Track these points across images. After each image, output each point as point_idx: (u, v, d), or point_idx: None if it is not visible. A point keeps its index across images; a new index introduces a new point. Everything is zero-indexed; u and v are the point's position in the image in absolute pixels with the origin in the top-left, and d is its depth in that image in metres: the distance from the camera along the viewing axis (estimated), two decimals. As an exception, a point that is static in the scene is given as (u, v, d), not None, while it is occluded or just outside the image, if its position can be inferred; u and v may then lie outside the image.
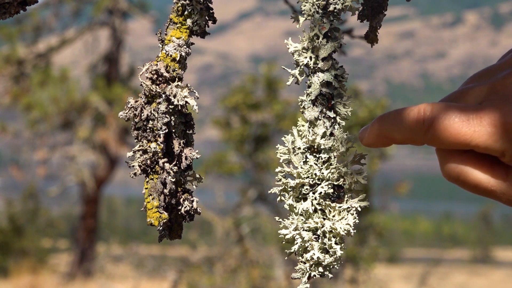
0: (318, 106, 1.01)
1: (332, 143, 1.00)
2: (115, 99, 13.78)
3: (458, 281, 17.28)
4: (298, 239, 0.99)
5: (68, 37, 14.59)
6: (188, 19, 1.03)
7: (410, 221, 27.02)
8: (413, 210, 29.65)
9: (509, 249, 24.05)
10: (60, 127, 14.12)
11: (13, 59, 13.62)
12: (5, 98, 13.77)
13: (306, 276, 0.99)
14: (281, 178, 1.00)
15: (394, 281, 15.59)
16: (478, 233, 24.28)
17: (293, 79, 1.02)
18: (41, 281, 13.99)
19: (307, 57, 1.01)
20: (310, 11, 1.01)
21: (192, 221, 1.05)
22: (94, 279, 14.23)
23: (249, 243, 11.44)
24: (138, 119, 1.01)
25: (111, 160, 14.58)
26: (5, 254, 14.77)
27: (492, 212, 25.30)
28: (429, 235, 26.09)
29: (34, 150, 14.66)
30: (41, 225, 16.77)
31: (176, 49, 1.03)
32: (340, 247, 0.98)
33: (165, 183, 1.00)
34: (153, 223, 0.99)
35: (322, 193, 0.99)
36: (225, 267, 11.22)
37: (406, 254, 21.59)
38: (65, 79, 13.91)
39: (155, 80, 1.01)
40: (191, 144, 1.04)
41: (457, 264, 20.23)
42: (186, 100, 1.01)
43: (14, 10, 1.07)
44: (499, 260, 21.82)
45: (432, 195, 49.27)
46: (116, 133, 13.97)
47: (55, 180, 15.23)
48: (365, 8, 1.06)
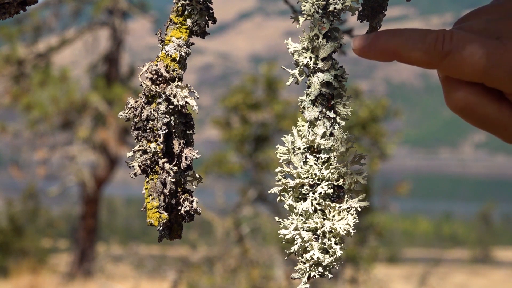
0: (318, 106, 1.01)
1: (332, 143, 1.00)
2: (115, 99, 13.78)
3: (458, 281, 17.28)
4: (298, 239, 0.99)
5: (68, 37, 14.59)
6: (188, 19, 1.03)
7: (410, 221, 27.03)
8: (413, 210, 29.67)
9: (509, 249, 24.06)
10: (60, 127, 14.12)
11: (13, 59, 13.62)
12: (5, 98, 13.77)
13: (306, 276, 0.99)
14: (281, 178, 1.00)
15: (394, 281, 15.59)
16: (478, 233, 24.29)
17: (293, 79, 1.02)
18: (41, 281, 14.00)
19: (307, 57, 1.01)
20: (310, 11, 1.01)
21: (192, 221, 1.05)
22: (94, 279, 14.23)
23: (249, 243, 11.45)
24: (138, 119, 1.01)
25: (111, 160, 14.59)
26: (5, 254, 14.77)
27: (492, 212, 25.31)
28: (429, 235, 26.09)
29: (34, 150, 14.66)
30: (41, 225, 16.78)
31: (176, 49, 1.03)
32: (340, 247, 0.98)
33: (165, 183, 1.00)
34: (153, 223, 0.99)
35: (322, 193, 0.99)
36: (225, 267, 11.22)
37: (406, 254, 21.60)
38: (65, 79, 13.91)
39: (155, 80, 1.01)
40: (191, 144, 1.04)
41: (457, 264, 20.24)
42: (186, 100, 1.01)
43: (14, 10, 1.07)
44: (499, 260, 21.83)
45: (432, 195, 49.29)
46: (116, 133, 13.97)
47: (55, 180, 15.23)
48: (365, 8, 1.06)
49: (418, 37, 0.90)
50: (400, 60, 0.91)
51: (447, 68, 0.89)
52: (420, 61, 0.90)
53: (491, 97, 0.90)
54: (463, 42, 0.88)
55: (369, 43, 0.92)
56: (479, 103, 0.90)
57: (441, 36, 0.89)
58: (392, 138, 12.78)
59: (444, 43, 0.89)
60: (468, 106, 0.90)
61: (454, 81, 0.91)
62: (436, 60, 0.89)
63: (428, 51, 0.89)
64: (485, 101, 0.90)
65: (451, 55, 0.88)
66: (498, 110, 0.90)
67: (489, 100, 0.90)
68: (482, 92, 0.90)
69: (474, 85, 0.90)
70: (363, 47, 0.92)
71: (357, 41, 0.93)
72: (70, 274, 14.63)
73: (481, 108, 0.90)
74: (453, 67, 0.89)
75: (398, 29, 0.91)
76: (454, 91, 0.91)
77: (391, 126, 14.35)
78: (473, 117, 0.91)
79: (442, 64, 0.89)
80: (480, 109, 0.90)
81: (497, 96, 0.90)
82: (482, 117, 0.91)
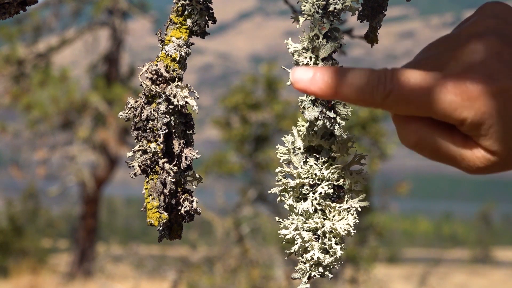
0: (318, 106, 1.01)
1: (332, 143, 1.00)
2: (115, 99, 13.78)
3: (458, 281, 17.28)
4: (298, 239, 0.99)
5: (68, 37, 14.59)
6: (188, 19, 1.03)
7: (410, 221, 27.03)
8: (413, 210, 29.66)
9: (509, 249, 24.05)
10: (60, 127, 14.12)
11: (13, 59, 13.62)
12: (5, 98, 13.77)
13: (306, 276, 0.99)
14: (281, 178, 1.00)
15: (394, 281, 15.59)
16: (478, 233, 24.28)
17: (293, 79, 1.02)
18: (41, 281, 14.00)
19: (307, 57, 1.01)
20: (310, 11, 1.01)
21: (192, 221, 1.05)
22: (94, 279, 14.23)
23: (249, 243, 11.44)
24: (138, 119, 1.01)
25: (111, 160, 14.58)
26: (5, 254, 14.76)
27: (492, 212, 25.31)
28: (429, 235, 26.09)
29: (34, 150, 14.66)
30: (41, 225, 16.78)
31: (176, 49, 1.03)
32: (340, 247, 0.98)
33: (165, 183, 1.00)
34: (153, 223, 0.99)
35: (322, 193, 0.99)
36: (225, 267, 11.22)
37: (406, 254, 21.60)
38: (65, 79, 13.90)
39: (155, 80, 1.01)
40: (191, 144, 1.04)
41: (457, 264, 20.24)
42: (186, 100, 1.01)
43: (14, 10, 1.07)
44: (499, 260, 21.83)
45: (432, 195, 49.30)
46: (116, 133, 13.97)
47: (55, 180, 15.22)
48: (365, 8, 1.06)
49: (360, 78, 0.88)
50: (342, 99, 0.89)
51: (391, 107, 0.88)
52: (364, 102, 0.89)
53: (442, 129, 0.89)
54: (404, 79, 0.87)
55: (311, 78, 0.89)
56: (430, 137, 0.89)
57: (383, 76, 0.88)
58: (392, 138, 12.78)
59: (386, 82, 0.87)
60: (420, 141, 0.89)
61: (403, 118, 0.90)
62: (379, 100, 0.88)
63: (371, 93, 0.88)
64: (436, 135, 0.89)
65: (393, 94, 0.87)
66: (451, 141, 0.89)
67: (440, 133, 0.89)
68: (433, 126, 0.89)
69: (423, 119, 0.89)
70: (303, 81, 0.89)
71: (297, 73, 0.89)
72: (70, 274, 14.62)
73: (432, 142, 0.89)
74: (397, 105, 0.88)
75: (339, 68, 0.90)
76: (404, 128, 0.90)
77: (391, 126, 14.33)
78: (427, 151, 0.90)
79: (386, 104, 0.88)
80: (432, 143, 0.89)
81: (448, 128, 0.89)
82: (435, 150, 0.90)
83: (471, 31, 0.92)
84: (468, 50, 0.89)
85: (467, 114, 0.86)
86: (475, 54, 0.88)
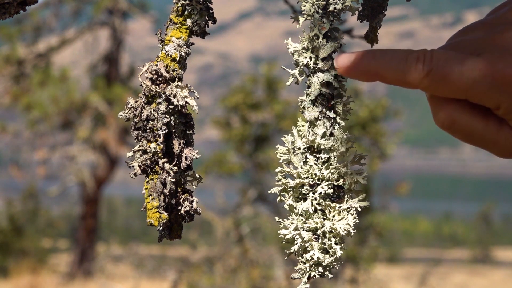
0: (318, 106, 1.01)
1: (332, 143, 1.00)
2: (115, 99, 13.78)
3: (458, 281, 17.29)
4: (298, 239, 0.99)
5: (68, 37, 14.59)
6: (188, 19, 1.03)
7: (410, 221, 27.02)
8: (413, 210, 29.66)
9: (509, 249, 24.06)
10: (60, 127, 14.12)
11: (13, 59, 13.62)
12: (5, 98, 13.77)
13: (306, 276, 0.99)
14: (281, 178, 1.00)
15: (394, 281, 15.59)
16: (478, 233, 24.28)
17: (293, 79, 1.02)
18: (41, 281, 14.00)
19: (307, 57, 1.01)
20: (310, 11, 1.01)
21: (192, 221, 1.05)
22: (94, 279, 14.23)
23: (249, 243, 11.45)
24: (138, 119, 1.01)
25: (111, 160, 14.58)
26: (5, 254, 14.77)
27: (492, 212, 25.31)
28: (429, 235, 26.09)
29: (34, 150, 14.66)
30: (41, 225, 16.77)
31: (176, 49, 1.03)
32: (340, 247, 0.98)
33: (165, 183, 1.00)
34: (153, 223, 0.99)
35: (322, 193, 0.99)
36: (225, 267, 11.22)
37: (406, 254, 21.60)
38: (65, 79, 13.91)
39: (155, 80, 1.01)
40: (191, 144, 1.04)
41: (457, 264, 20.24)
42: (186, 100, 1.01)
43: (14, 10, 1.07)
44: (499, 260, 21.84)
45: (432, 195, 49.30)
46: (116, 133, 13.97)
47: (55, 180, 15.23)
48: (365, 8, 1.06)
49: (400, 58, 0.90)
50: (382, 80, 0.91)
51: (429, 87, 0.90)
52: (403, 82, 0.91)
53: (477, 112, 0.91)
54: (443, 61, 0.89)
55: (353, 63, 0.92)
56: (465, 120, 0.91)
57: (422, 56, 0.90)
58: (392, 138, 12.78)
59: (424, 62, 0.89)
60: (455, 123, 0.91)
61: (439, 99, 0.92)
62: (417, 80, 0.90)
63: (409, 72, 0.90)
64: (471, 117, 0.91)
65: (432, 74, 0.89)
66: (485, 125, 0.90)
67: (475, 116, 0.91)
68: (468, 108, 0.91)
69: (459, 101, 0.91)
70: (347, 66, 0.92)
71: (340, 60, 0.92)
72: (70, 274, 14.62)
73: (467, 124, 0.91)
74: (435, 85, 0.89)
75: (379, 50, 0.92)
76: (439, 109, 0.92)
77: (391, 126, 14.34)
78: (461, 133, 0.92)
79: (424, 83, 0.90)
80: (466, 125, 0.91)
81: (483, 112, 0.91)
82: (469, 133, 0.91)
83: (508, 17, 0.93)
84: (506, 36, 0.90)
85: (503, 98, 0.88)
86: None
